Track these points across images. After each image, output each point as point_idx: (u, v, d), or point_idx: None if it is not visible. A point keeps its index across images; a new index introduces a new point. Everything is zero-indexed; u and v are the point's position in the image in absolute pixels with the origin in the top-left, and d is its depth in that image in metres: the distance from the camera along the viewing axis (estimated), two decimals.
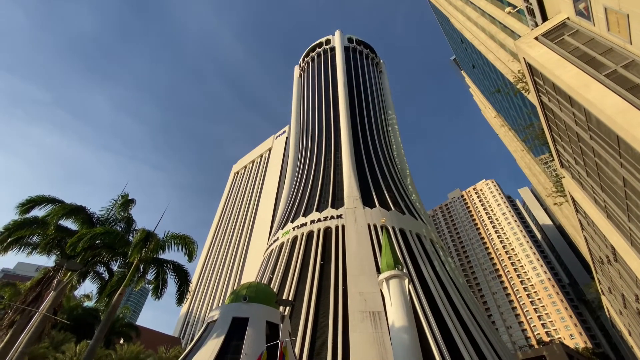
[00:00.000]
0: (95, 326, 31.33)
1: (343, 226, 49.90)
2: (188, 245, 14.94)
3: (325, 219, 52.19)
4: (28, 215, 15.20)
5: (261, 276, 53.18)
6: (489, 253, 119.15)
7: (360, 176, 59.26)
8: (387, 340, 33.29)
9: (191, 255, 14.96)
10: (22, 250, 15.16)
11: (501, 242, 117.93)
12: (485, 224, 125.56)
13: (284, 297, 41.32)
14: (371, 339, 34.76)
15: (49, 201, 15.54)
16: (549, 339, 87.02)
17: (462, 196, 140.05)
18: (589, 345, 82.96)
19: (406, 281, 25.02)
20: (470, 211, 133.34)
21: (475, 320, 39.95)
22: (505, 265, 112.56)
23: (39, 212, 15.50)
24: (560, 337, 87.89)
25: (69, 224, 16.67)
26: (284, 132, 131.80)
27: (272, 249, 58.00)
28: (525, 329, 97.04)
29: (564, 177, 19.28)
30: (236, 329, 18.65)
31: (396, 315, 22.73)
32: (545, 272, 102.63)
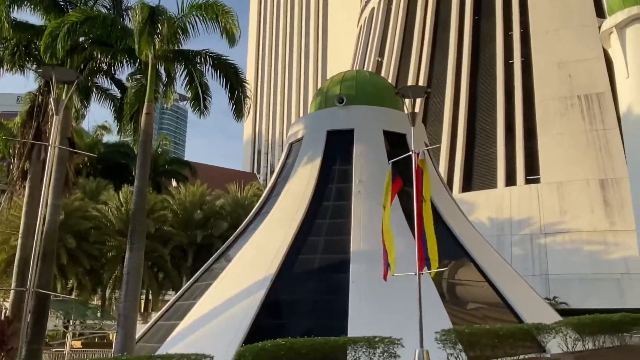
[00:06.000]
0: (130, 166, 40.66)
1: None
2: (222, 18, 15.68)
3: None
4: None
5: (361, 61, 55.63)
6: None
7: None
8: (616, 141, 34.27)
9: (232, 35, 15.91)
10: None
11: None
12: None
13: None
14: (582, 142, 36.29)
15: None
16: None
17: None
18: None
19: None
20: None
21: None
22: None
23: None
24: None
25: (28, 16, 18.88)
26: None
27: (373, 9, 57.61)
28: None
29: None
30: (337, 149, 21.44)
31: (638, 92, 22.33)
32: None
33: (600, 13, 37.53)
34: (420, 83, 44.52)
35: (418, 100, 12.05)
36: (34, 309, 15.95)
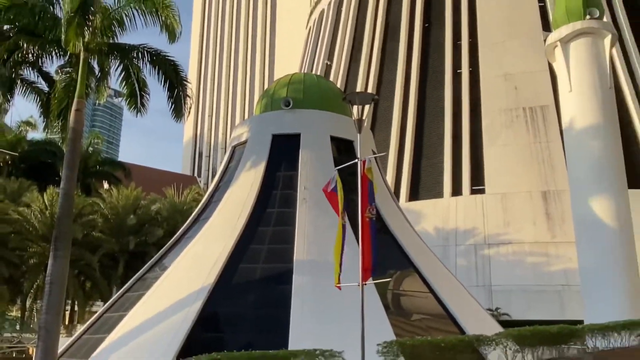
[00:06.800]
0: (57, 166, 39.16)
1: None
2: (162, 12, 15.40)
3: None
4: None
5: (309, 64, 55.80)
6: None
7: None
8: (559, 154, 35.92)
9: (173, 31, 15.65)
10: None
11: None
12: None
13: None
14: (526, 154, 37.78)
15: None
16: None
17: None
18: None
19: (606, 40, 24.33)
20: None
21: None
22: None
23: None
24: None
25: None
26: None
27: (322, 12, 57.98)
28: None
29: None
30: (282, 153, 21.44)
31: (580, 106, 23.32)
32: None
33: (546, 27, 39.23)
34: (370, 89, 45.18)
35: (366, 107, 12.16)
36: None
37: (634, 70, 39.89)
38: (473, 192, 38.49)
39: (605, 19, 26.79)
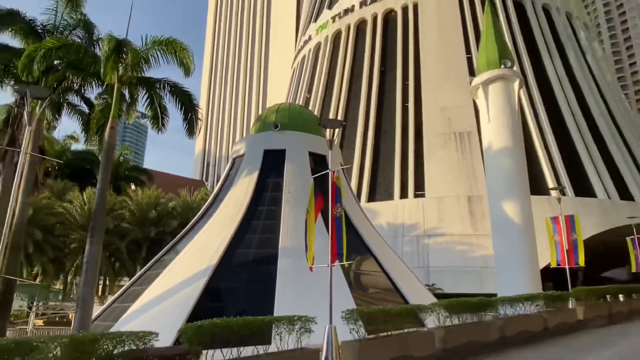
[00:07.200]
0: (94, 171, 38.36)
1: (416, 5, 46.39)
2: (179, 53, 15.28)
3: None
4: None
5: (293, 96, 55.88)
6: None
7: None
8: (479, 168, 36.60)
9: (187, 68, 15.49)
10: None
11: None
12: None
13: None
14: (455, 168, 38.37)
15: None
16: None
17: None
18: None
19: (516, 84, 24.75)
20: None
21: (617, 131, 40.95)
22: None
23: None
24: None
25: (8, 39, 17.56)
26: None
27: (304, 56, 58.20)
28: None
29: None
30: (271, 164, 21.37)
31: (495, 133, 23.82)
32: None
33: (472, 72, 40.27)
34: (339, 116, 45.62)
35: (336, 130, 12.21)
36: (1, 292, 14.91)
37: (535, 107, 40.97)
38: (416, 196, 38.95)
39: (515, 68, 27.46)
